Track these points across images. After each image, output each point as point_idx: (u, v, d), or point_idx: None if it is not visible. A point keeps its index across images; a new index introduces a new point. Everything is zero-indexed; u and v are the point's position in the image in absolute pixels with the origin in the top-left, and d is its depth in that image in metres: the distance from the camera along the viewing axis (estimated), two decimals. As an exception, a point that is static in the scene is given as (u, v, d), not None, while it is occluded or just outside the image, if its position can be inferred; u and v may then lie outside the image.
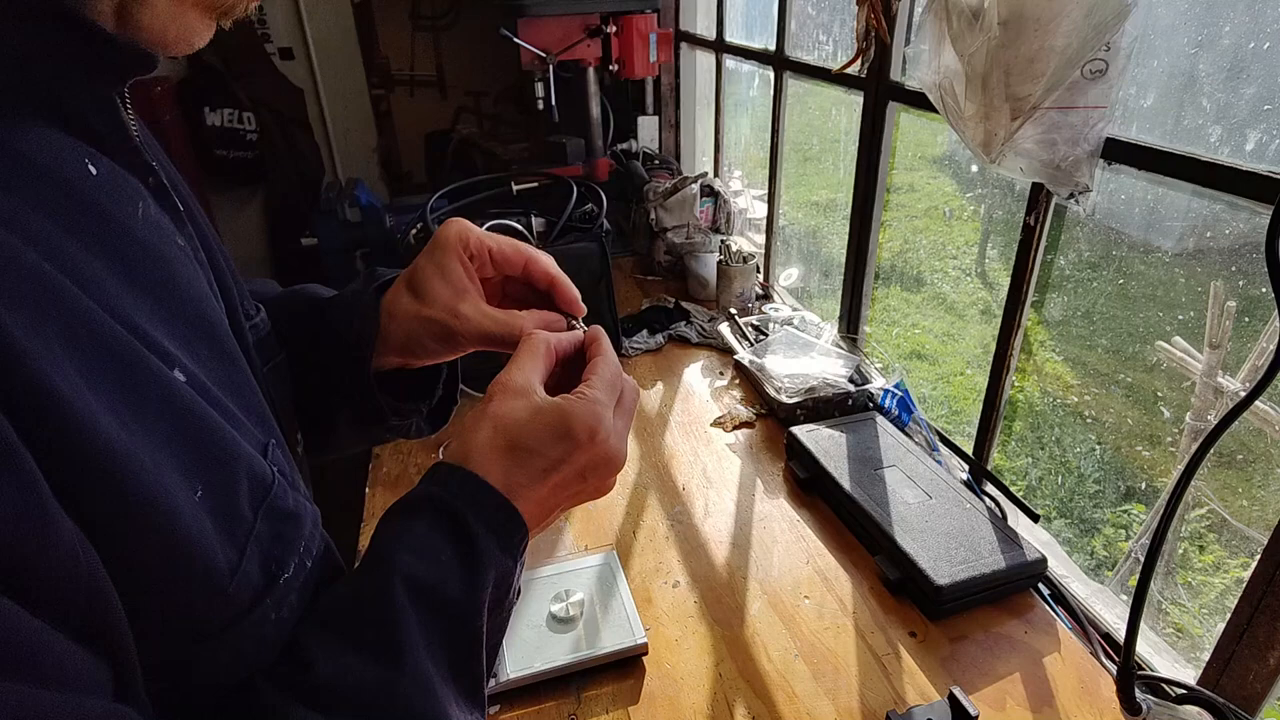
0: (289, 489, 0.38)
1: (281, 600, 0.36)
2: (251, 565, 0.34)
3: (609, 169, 2.10)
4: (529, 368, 0.46)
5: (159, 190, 0.38)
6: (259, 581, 0.34)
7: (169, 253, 0.36)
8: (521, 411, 0.43)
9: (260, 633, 0.35)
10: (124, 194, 0.34)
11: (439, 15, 3.15)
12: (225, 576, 0.32)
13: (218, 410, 0.34)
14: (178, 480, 0.31)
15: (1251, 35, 2.95)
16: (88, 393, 0.28)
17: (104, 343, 0.29)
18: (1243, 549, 2.97)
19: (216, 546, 0.32)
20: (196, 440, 0.32)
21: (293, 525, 0.37)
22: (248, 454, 0.35)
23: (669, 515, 1.07)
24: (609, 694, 0.80)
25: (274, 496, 0.36)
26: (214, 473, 0.33)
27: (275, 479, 0.37)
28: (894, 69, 1.21)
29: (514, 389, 0.44)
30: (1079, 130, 0.81)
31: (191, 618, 0.32)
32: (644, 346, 1.52)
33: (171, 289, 0.35)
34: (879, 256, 1.41)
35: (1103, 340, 4.54)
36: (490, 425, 0.43)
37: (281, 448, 0.40)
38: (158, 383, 0.31)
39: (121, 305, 0.31)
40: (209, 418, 0.33)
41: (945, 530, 0.93)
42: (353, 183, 2.47)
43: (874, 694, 0.79)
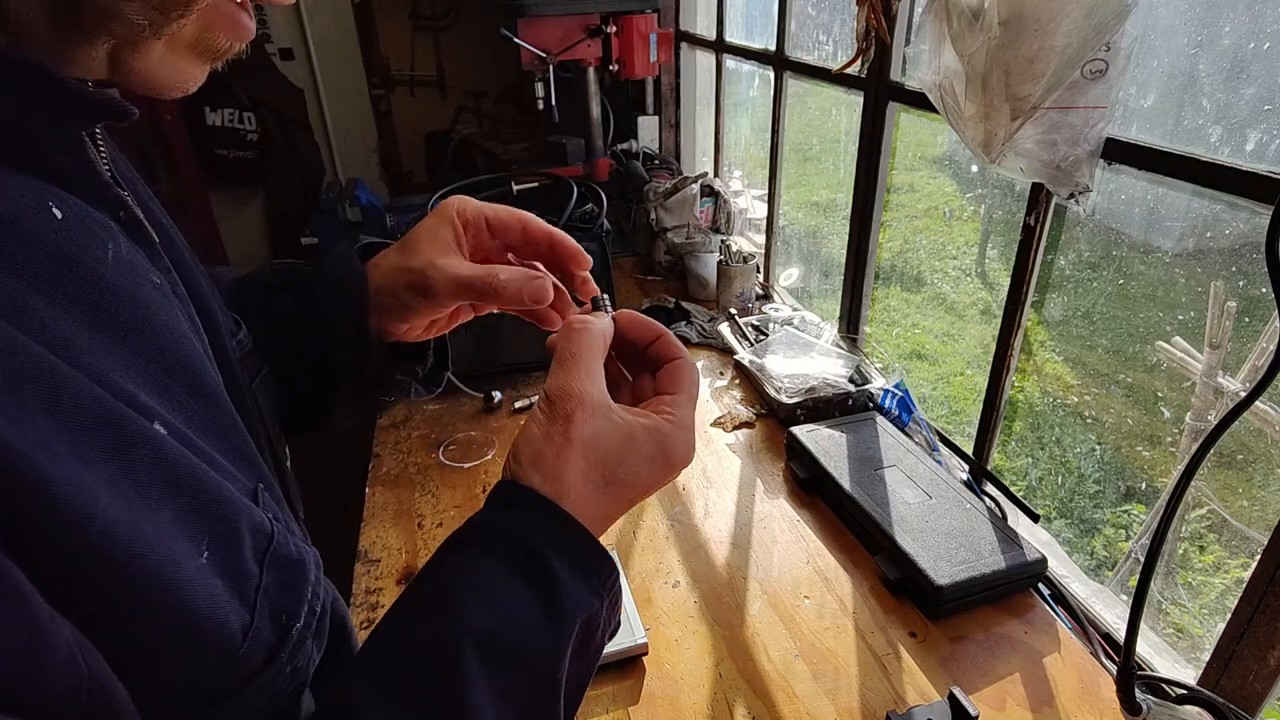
0: (288, 534, 0.36)
1: (295, 651, 0.34)
2: (263, 621, 0.32)
3: (609, 169, 2.10)
4: (597, 374, 0.41)
5: (131, 224, 0.35)
6: (271, 637, 0.33)
7: (143, 295, 0.33)
8: (615, 440, 0.39)
9: (275, 687, 0.33)
10: (92, 236, 0.32)
11: (439, 15, 3.16)
12: (238, 639, 0.31)
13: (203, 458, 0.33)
14: (183, 546, 0.29)
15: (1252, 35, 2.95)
16: (80, 469, 0.26)
17: (87, 408, 0.27)
18: (1243, 549, 2.97)
19: (228, 610, 0.31)
20: (194, 497, 0.31)
21: (298, 574, 0.35)
22: (245, 505, 0.33)
23: (669, 515, 1.07)
24: (609, 694, 0.80)
25: (276, 545, 0.34)
26: (217, 528, 0.31)
27: (274, 526, 0.35)
28: (894, 69, 1.21)
29: (594, 405, 0.39)
30: (1079, 130, 0.81)
31: (206, 686, 0.30)
32: (644, 346, 1.52)
33: (147, 334, 0.32)
34: (879, 256, 1.41)
35: (1103, 340, 4.54)
36: (582, 455, 0.38)
37: (270, 490, 0.38)
38: (147, 443, 0.29)
39: (96, 362, 0.29)
40: (201, 471, 0.32)
41: (945, 530, 0.93)
42: (353, 183, 2.47)
43: (874, 694, 0.79)
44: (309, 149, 2.90)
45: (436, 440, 1.24)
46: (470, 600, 0.35)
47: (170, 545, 0.29)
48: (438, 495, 1.11)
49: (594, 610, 0.38)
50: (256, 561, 0.33)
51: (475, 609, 0.34)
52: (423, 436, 1.25)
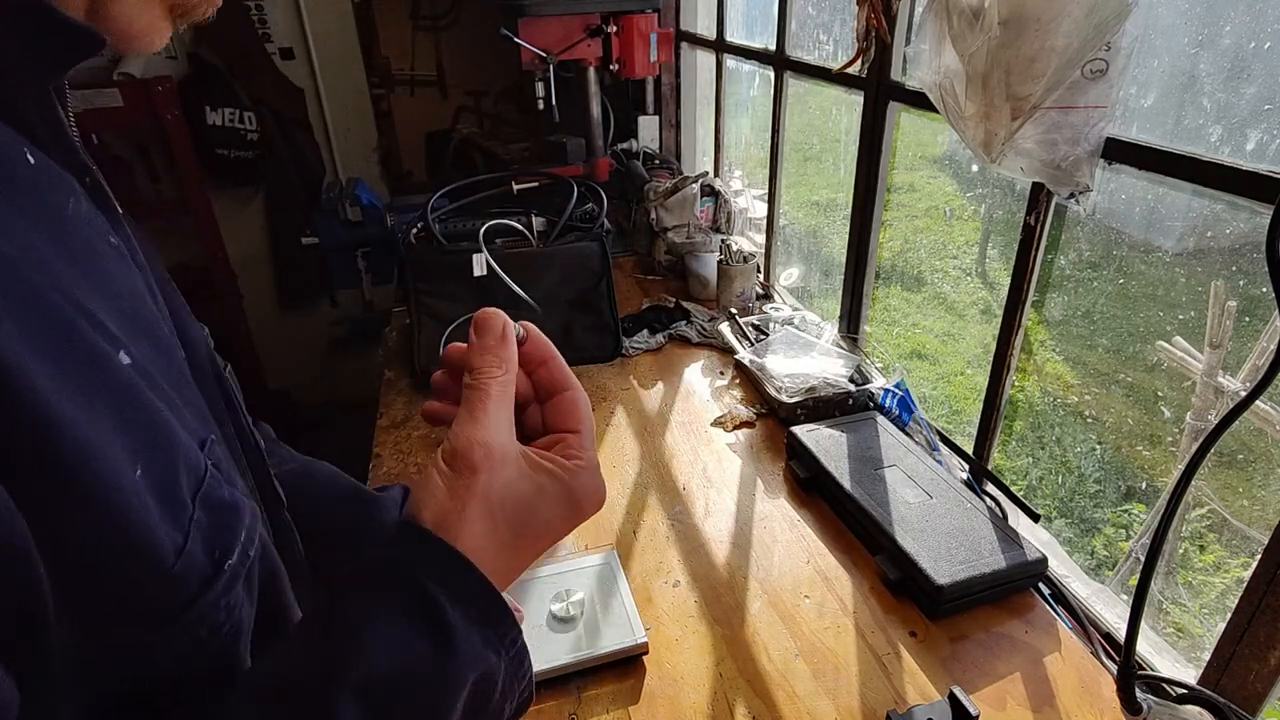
0: (223, 483, 0.36)
1: (230, 586, 0.35)
2: (196, 547, 0.33)
3: (609, 169, 2.10)
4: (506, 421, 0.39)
5: (95, 189, 0.37)
6: (205, 565, 0.33)
7: (100, 248, 0.35)
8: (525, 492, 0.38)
9: (214, 620, 0.34)
10: (57, 187, 0.34)
11: (439, 15, 3.15)
12: (170, 555, 0.31)
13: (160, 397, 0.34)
14: (121, 456, 0.30)
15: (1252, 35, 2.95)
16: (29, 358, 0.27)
17: (49, 315, 0.29)
18: (1243, 549, 2.97)
19: (158, 525, 0.31)
20: (136, 422, 0.32)
21: (232, 514, 0.36)
22: (185, 442, 0.34)
23: (669, 515, 1.07)
24: (609, 693, 0.80)
25: (207, 487, 0.35)
26: (155, 454, 0.32)
27: (208, 470, 0.35)
28: (894, 69, 1.21)
29: (501, 456, 0.37)
30: (1079, 130, 0.81)
31: (142, 598, 0.31)
32: (644, 346, 1.52)
33: (107, 281, 0.34)
34: (879, 256, 1.41)
35: (1103, 340, 4.54)
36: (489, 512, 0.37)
37: (222, 444, 0.39)
38: (101, 360, 0.31)
39: (67, 283, 0.31)
40: (150, 402, 0.33)
41: (946, 530, 0.93)
42: (353, 182, 2.47)
43: (874, 694, 0.79)
44: (309, 148, 2.89)
45: (436, 440, 1.24)
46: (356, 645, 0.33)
47: (107, 450, 0.29)
48: (438, 495, 1.12)
49: (490, 666, 0.36)
50: (190, 497, 0.34)
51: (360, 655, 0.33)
52: (423, 436, 1.25)
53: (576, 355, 1.46)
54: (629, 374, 1.44)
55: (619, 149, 2.15)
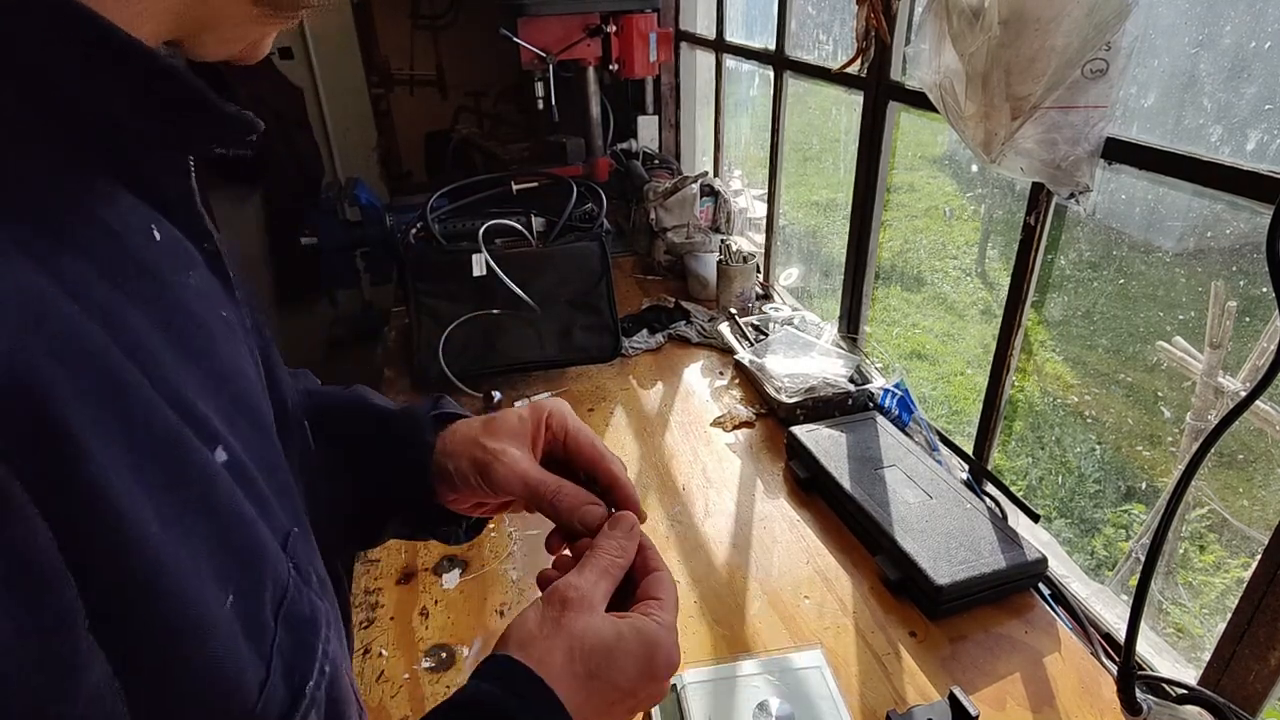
0: (303, 587, 0.35)
1: (309, 711, 0.33)
2: (277, 678, 0.31)
3: (609, 169, 2.10)
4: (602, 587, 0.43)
5: (213, 256, 0.36)
6: (285, 696, 0.31)
7: (214, 324, 0.34)
8: (604, 635, 0.41)
9: None
10: (179, 260, 0.33)
11: (439, 15, 3.15)
12: (254, 694, 0.30)
13: (252, 494, 0.32)
14: (213, 589, 0.28)
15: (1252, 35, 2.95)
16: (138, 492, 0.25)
17: (156, 431, 0.27)
18: (1243, 549, 2.97)
19: (246, 661, 0.30)
20: (230, 539, 0.30)
21: (310, 630, 0.34)
22: (274, 554, 0.33)
23: (669, 515, 1.06)
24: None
25: (289, 601, 0.33)
26: (245, 576, 0.31)
27: (290, 579, 0.34)
28: (894, 68, 1.21)
29: (586, 603, 0.41)
30: (1079, 130, 0.81)
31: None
32: (644, 346, 1.52)
33: (215, 362, 0.33)
34: (879, 256, 1.41)
35: (1103, 340, 4.54)
36: (567, 645, 0.40)
37: (303, 535, 0.38)
38: (203, 474, 0.29)
39: (174, 379, 0.29)
40: (244, 512, 0.31)
41: (945, 530, 0.93)
42: (352, 182, 2.47)
43: (874, 694, 0.79)
44: (308, 148, 2.89)
45: (436, 440, 1.24)
46: None
47: (203, 586, 0.28)
48: (437, 495, 1.11)
49: None
50: (273, 614, 0.32)
51: None
52: (422, 436, 1.25)
53: (576, 355, 1.45)
54: (628, 374, 1.44)
55: (619, 149, 2.15)
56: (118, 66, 0.28)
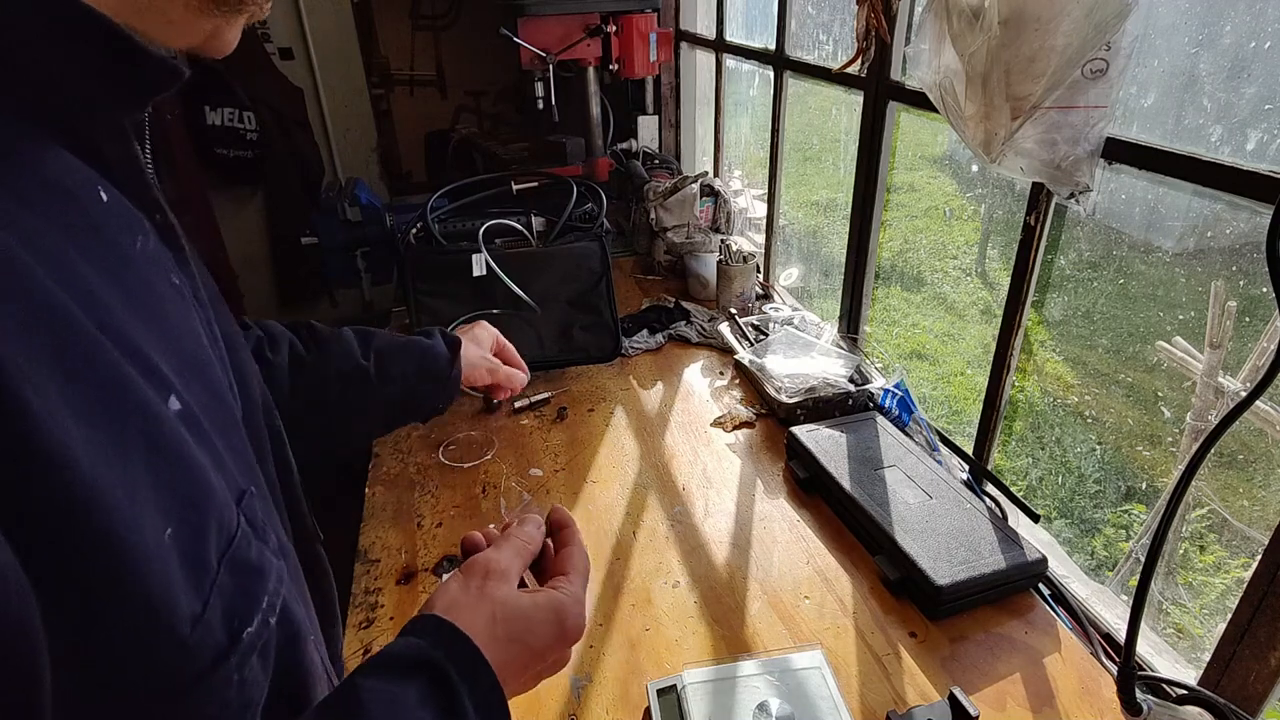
0: (254, 540, 0.36)
1: (245, 660, 0.34)
2: (214, 615, 0.32)
3: (609, 169, 2.09)
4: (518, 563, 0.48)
5: (164, 228, 0.38)
6: (221, 636, 0.33)
7: (162, 288, 0.36)
8: (520, 603, 0.45)
9: (224, 697, 0.33)
10: (126, 224, 0.35)
11: (439, 15, 3.15)
12: (186, 624, 0.31)
13: (204, 447, 0.34)
14: (152, 518, 0.30)
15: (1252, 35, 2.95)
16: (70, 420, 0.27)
17: (99, 370, 0.29)
18: (1243, 549, 2.97)
19: (179, 592, 0.31)
20: (174, 478, 0.32)
21: (256, 579, 0.36)
22: (222, 500, 0.34)
23: (669, 515, 1.06)
24: (608, 698, 0.80)
25: (235, 547, 0.35)
26: (187, 514, 0.32)
27: (240, 528, 0.35)
28: (894, 68, 1.21)
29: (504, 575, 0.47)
30: (1079, 130, 0.81)
31: (152, 671, 0.30)
32: (644, 346, 1.52)
33: (166, 322, 0.34)
34: (879, 256, 1.41)
35: (1103, 340, 4.54)
36: (489, 610, 0.44)
37: (261, 498, 0.39)
38: (146, 415, 0.31)
39: (125, 328, 0.31)
40: (192, 456, 0.33)
41: (945, 530, 0.93)
42: (353, 182, 2.46)
43: (874, 694, 0.79)
44: (309, 148, 2.89)
45: (436, 440, 1.24)
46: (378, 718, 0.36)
47: (138, 513, 0.29)
48: (437, 495, 1.11)
49: None
50: (216, 557, 0.34)
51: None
52: (422, 436, 1.25)
53: (576, 355, 1.45)
54: (628, 374, 1.44)
55: (618, 149, 2.15)
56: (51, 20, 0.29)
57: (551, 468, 1.16)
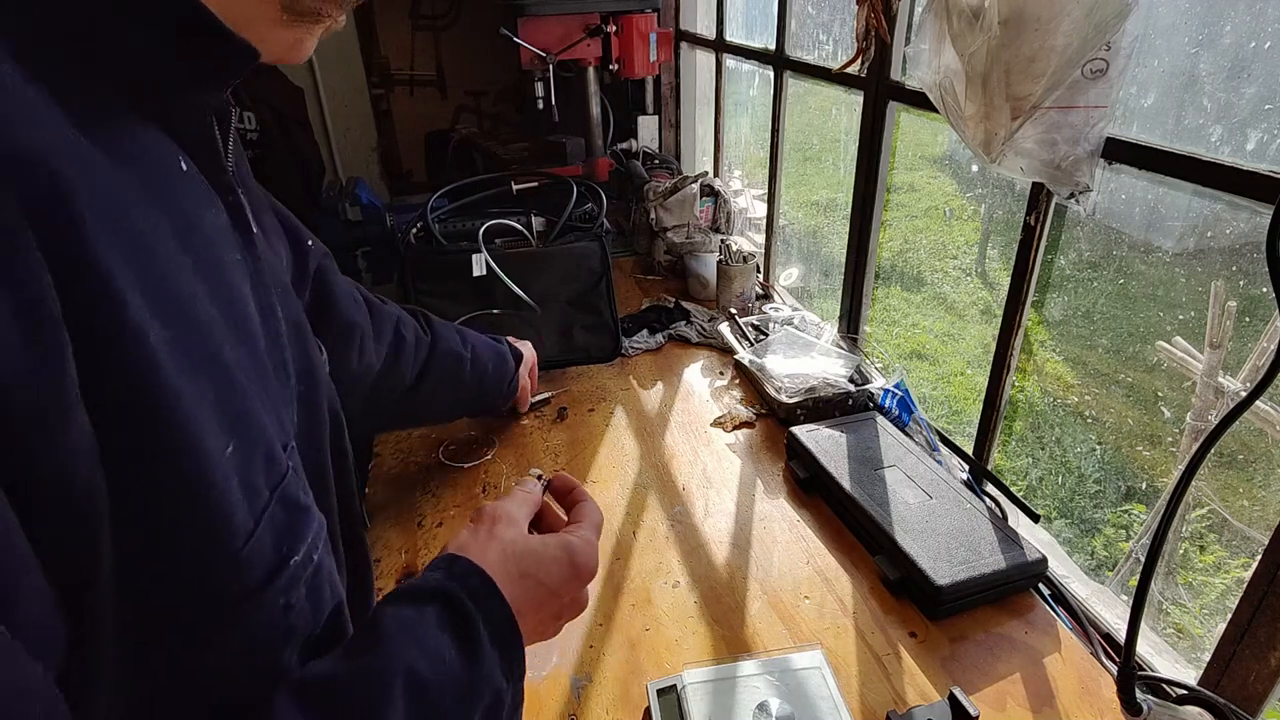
0: (301, 486, 0.39)
1: (291, 587, 0.36)
2: (265, 537, 0.34)
3: (609, 169, 2.09)
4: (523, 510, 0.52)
5: (235, 209, 0.41)
6: (271, 557, 0.35)
7: (226, 258, 0.38)
8: (530, 542, 0.48)
9: (270, 618, 0.35)
10: (201, 198, 0.38)
11: (439, 15, 3.15)
12: (240, 538, 0.33)
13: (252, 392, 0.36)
14: (216, 433, 0.32)
15: (1252, 35, 2.94)
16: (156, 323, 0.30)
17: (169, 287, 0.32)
18: (1243, 549, 2.97)
19: (237, 507, 0.33)
20: (232, 404, 0.34)
21: (303, 517, 0.38)
22: (271, 438, 0.37)
23: (669, 515, 1.06)
24: (609, 698, 0.80)
25: (286, 484, 0.37)
26: (245, 437, 0.34)
27: (288, 470, 0.38)
28: (894, 68, 1.21)
29: (513, 520, 0.50)
30: (1079, 130, 0.81)
31: (207, 578, 0.32)
32: (644, 346, 1.52)
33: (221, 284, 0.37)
34: (879, 256, 1.41)
35: (1103, 340, 4.54)
36: (500, 548, 0.46)
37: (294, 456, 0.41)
38: (210, 337, 0.33)
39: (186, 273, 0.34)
40: (245, 392, 0.35)
41: (945, 530, 0.93)
42: (353, 182, 2.46)
43: (874, 694, 0.79)
44: (309, 148, 2.89)
45: (437, 440, 1.24)
46: (407, 641, 0.38)
47: (205, 422, 0.31)
48: (438, 495, 1.11)
49: (501, 691, 0.41)
50: (268, 487, 0.36)
51: (410, 650, 0.38)
52: (423, 436, 1.25)
53: (576, 355, 1.45)
54: (628, 374, 1.44)
55: (618, 149, 2.14)
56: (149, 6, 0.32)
57: (551, 468, 1.16)
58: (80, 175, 0.28)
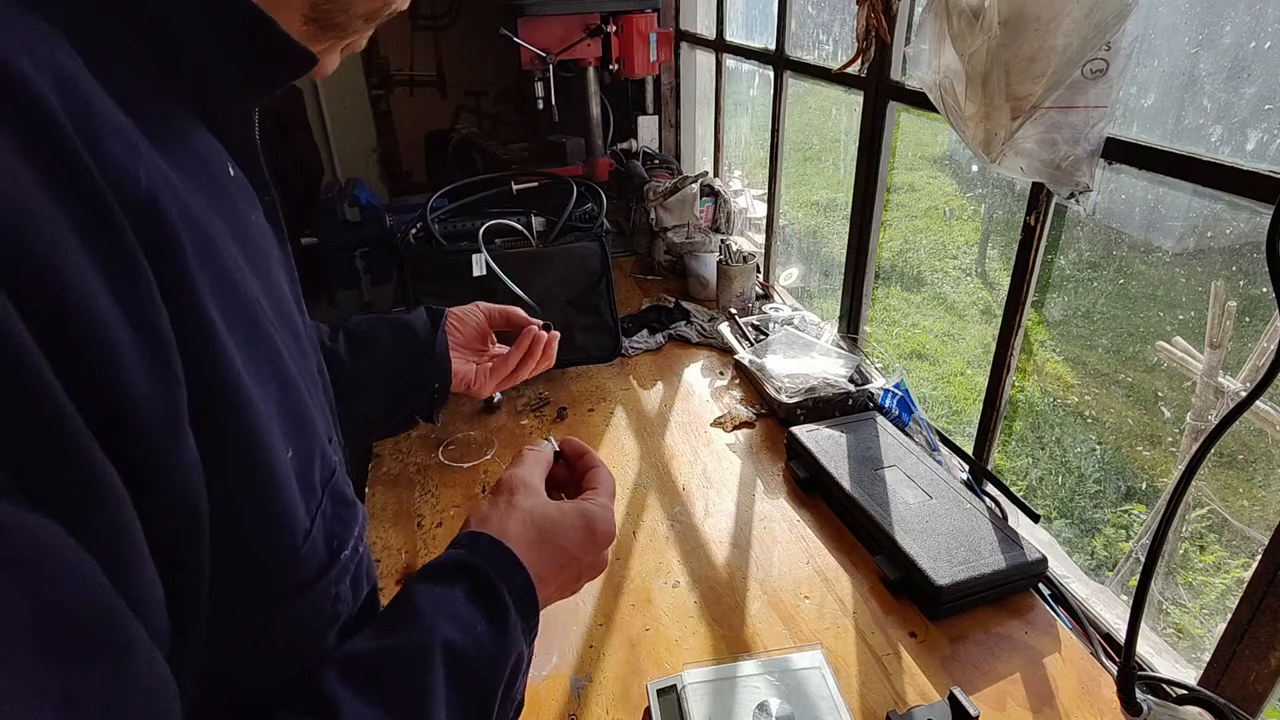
0: (345, 480, 0.41)
1: (340, 579, 0.38)
2: (318, 535, 0.36)
3: (609, 169, 2.09)
4: (538, 472, 0.53)
5: (270, 209, 0.42)
6: (324, 553, 0.37)
7: (272, 255, 0.40)
8: (548, 509, 0.49)
9: (321, 608, 0.37)
10: (248, 200, 0.40)
11: (438, 15, 3.15)
12: (300, 537, 0.35)
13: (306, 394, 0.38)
14: (278, 436, 0.34)
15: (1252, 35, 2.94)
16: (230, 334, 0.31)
17: (239, 299, 0.33)
18: (1243, 549, 2.97)
19: (297, 507, 0.35)
20: (292, 406, 0.36)
21: (350, 511, 0.40)
22: (323, 436, 0.39)
23: (669, 515, 1.06)
24: (608, 698, 0.80)
25: (337, 480, 0.39)
26: (302, 440, 0.36)
27: (337, 466, 0.40)
28: (894, 68, 1.21)
29: (532, 487, 0.50)
30: (1079, 130, 0.81)
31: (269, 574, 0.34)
32: (644, 346, 1.52)
33: (273, 286, 0.39)
34: (879, 256, 1.41)
35: (1103, 340, 4.54)
36: (520, 517, 0.47)
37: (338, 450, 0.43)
38: (272, 344, 0.35)
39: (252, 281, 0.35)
40: (302, 392, 0.37)
41: (945, 530, 0.93)
42: (352, 182, 2.47)
43: (874, 694, 0.79)
44: (308, 149, 2.89)
45: (436, 440, 1.24)
46: (441, 615, 0.40)
47: (272, 427, 0.33)
48: (437, 495, 1.11)
49: (523, 652, 0.43)
50: (321, 485, 0.38)
51: (445, 623, 0.40)
52: (422, 436, 1.25)
53: (576, 355, 1.45)
54: (628, 374, 1.44)
55: (618, 149, 2.14)
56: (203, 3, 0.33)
57: (551, 468, 1.16)
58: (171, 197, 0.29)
